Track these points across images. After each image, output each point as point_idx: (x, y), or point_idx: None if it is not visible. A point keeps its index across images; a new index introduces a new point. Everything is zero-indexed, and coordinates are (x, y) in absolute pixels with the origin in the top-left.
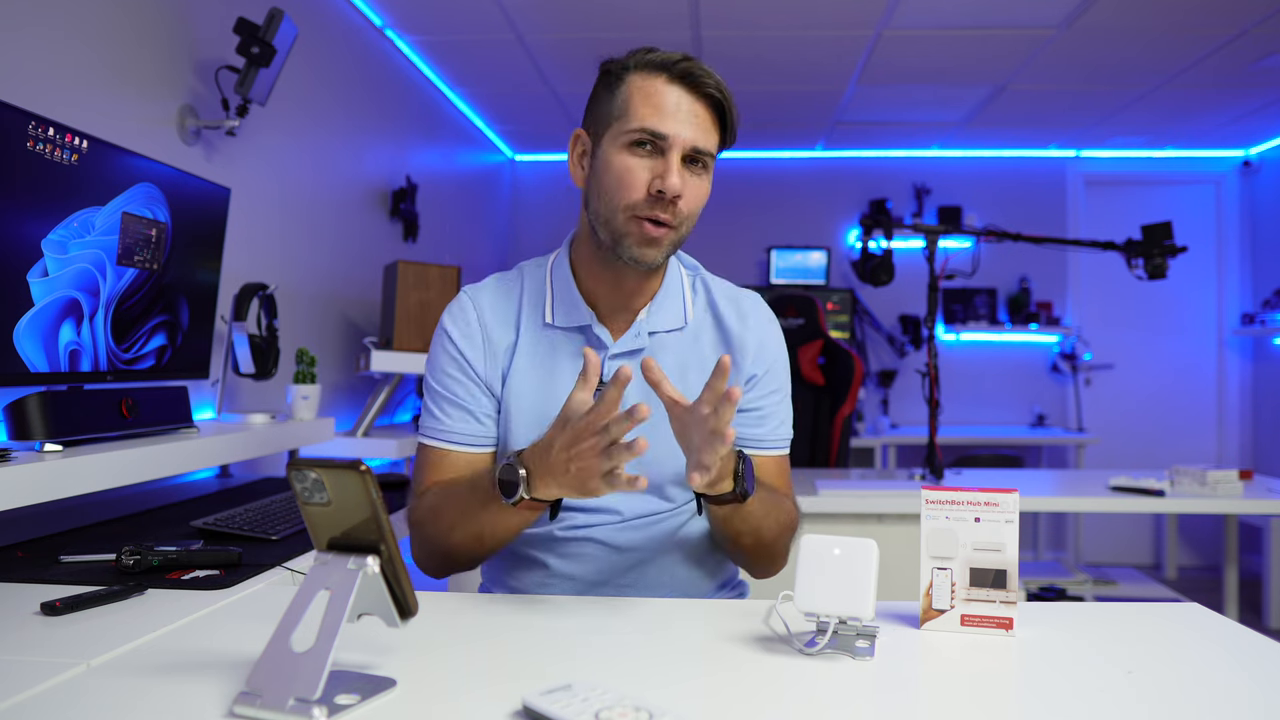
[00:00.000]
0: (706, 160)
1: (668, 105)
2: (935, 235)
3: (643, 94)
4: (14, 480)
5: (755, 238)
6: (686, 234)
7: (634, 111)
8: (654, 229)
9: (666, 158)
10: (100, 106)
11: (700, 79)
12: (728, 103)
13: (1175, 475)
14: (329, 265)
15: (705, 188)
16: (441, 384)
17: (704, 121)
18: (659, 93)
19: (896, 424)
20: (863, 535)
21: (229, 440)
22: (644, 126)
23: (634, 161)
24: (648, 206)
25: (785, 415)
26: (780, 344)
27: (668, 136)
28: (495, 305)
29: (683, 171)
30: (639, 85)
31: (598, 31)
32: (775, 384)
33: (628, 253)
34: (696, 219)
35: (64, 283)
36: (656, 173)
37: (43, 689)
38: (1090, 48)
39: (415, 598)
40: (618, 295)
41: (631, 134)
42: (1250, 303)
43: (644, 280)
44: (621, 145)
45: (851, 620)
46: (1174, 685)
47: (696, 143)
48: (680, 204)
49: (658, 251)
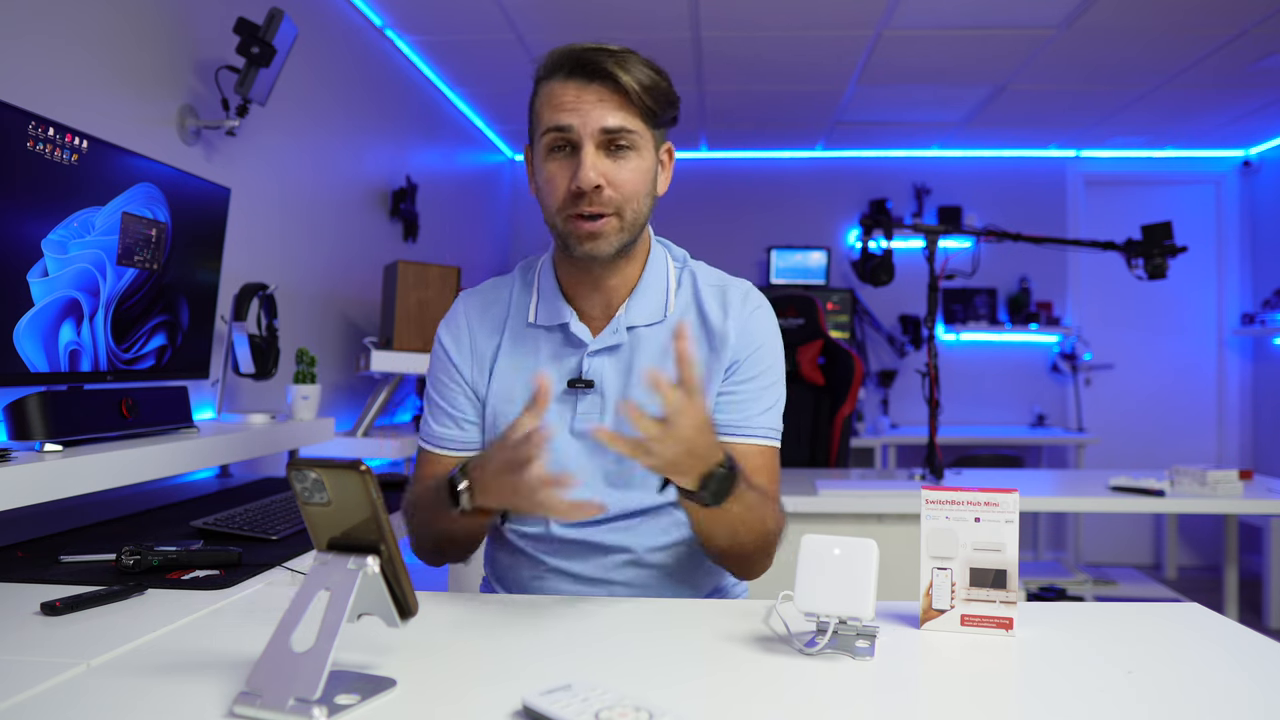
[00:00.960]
0: (629, 139)
1: (566, 100)
2: (935, 235)
3: (546, 96)
4: (14, 480)
5: (755, 238)
6: (637, 217)
7: (542, 116)
8: (587, 223)
9: (580, 152)
10: (100, 106)
11: (592, 64)
12: (628, 76)
13: (1175, 475)
14: (329, 265)
15: (639, 165)
16: (434, 388)
17: (611, 103)
18: (558, 90)
19: (896, 424)
20: (863, 535)
21: (229, 440)
22: (549, 126)
23: (553, 166)
24: (573, 203)
25: (769, 403)
26: (766, 330)
27: (571, 127)
28: (484, 310)
29: (601, 160)
30: (544, 90)
31: (598, 31)
32: (755, 370)
33: (578, 250)
34: (645, 198)
35: (64, 283)
36: (573, 170)
37: (43, 689)
38: (1090, 48)
39: (415, 598)
40: (595, 292)
41: (545, 138)
42: (1250, 303)
43: (619, 272)
44: (542, 153)
45: (851, 620)
46: (1174, 685)
47: (604, 123)
48: (606, 191)
49: (604, 242)
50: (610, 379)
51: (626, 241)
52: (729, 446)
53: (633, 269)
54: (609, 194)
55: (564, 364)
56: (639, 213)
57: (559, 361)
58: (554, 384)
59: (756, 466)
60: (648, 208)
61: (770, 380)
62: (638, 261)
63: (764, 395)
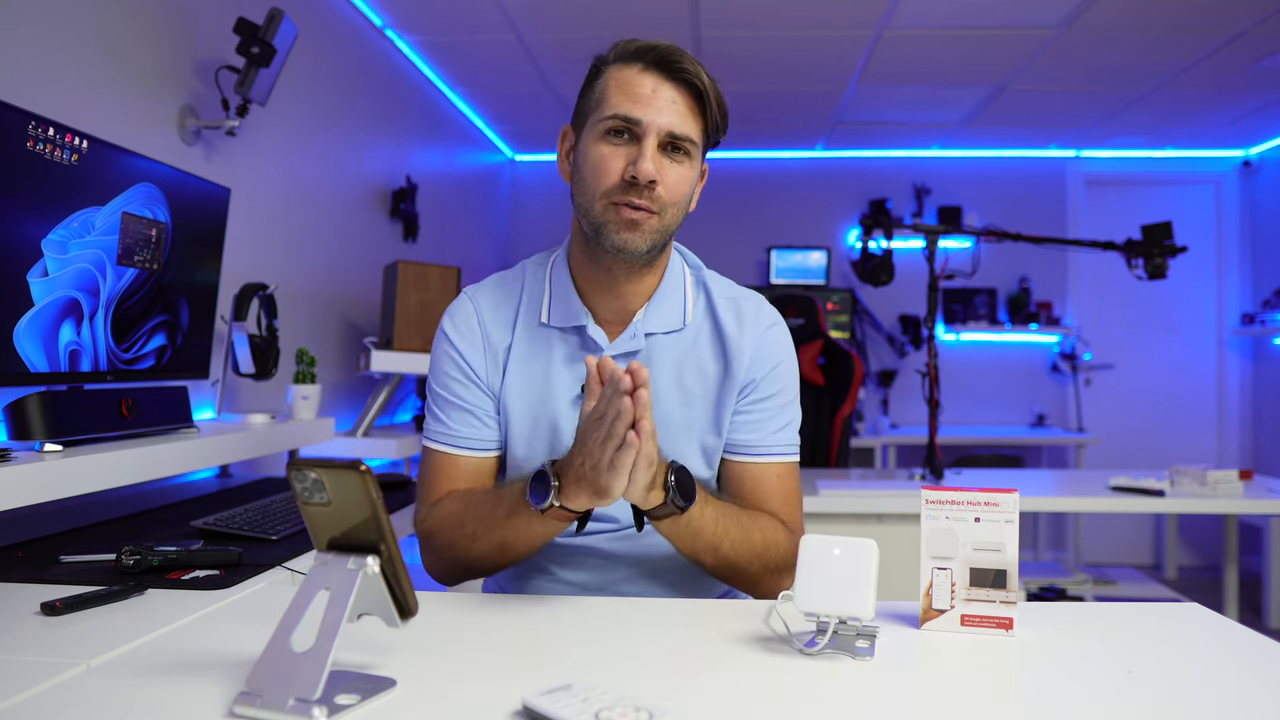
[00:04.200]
0: (687, 147)
1: (642, 92)
2: (935, 235)
3: (617, 83)
4: (14, 480)
5: (755, 238)
6: (672, 223)
7: (609, 101)
8: (631, 212)
9: (642, 144)
10: (100, 106)
11: (675, 64)
12: (705, 88)
13: (1175, 475)
14: (329, 265)
15: (687, 175)
16: (444, 387)
17: (681, 108)
18: (633, 81)
19: (896, 424)
20: (863, 535)
21: (229, 440)
22: (617, 113)
23: (608, 149)
24: (622, 192)
25: (786, 420)
26: (782, 347)
27: (641, 121)
28: (495, 306)
29: (659, 158)
30: (615, 75)
31: (598, 31)
32: (772, 389)
33: (609, 240)
34: (683, 208)
35: (64, 283)
36: (631, 159)
37: (43, 689)
38: (1090, 48)
39: (415, 598)
40: (613, 296)
41: (606, 122)
42: (1250, 303)
43: (639, 279)
44: (598, 135)
45: (851, 620)
46: (1174, 685)
47: (673, 128)
48: (658, 190)
49: (640, 237)
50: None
51: (657, 245)
52: (749, 466)
53: (652, 277)
54: (660, 191)
55: (578, 368)
56: (675, 220)
57: (573, 365)
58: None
59: (769, 483)
60: (682, 218)
61: (787, 399)
62: (658, 270)
63: (781, 414)
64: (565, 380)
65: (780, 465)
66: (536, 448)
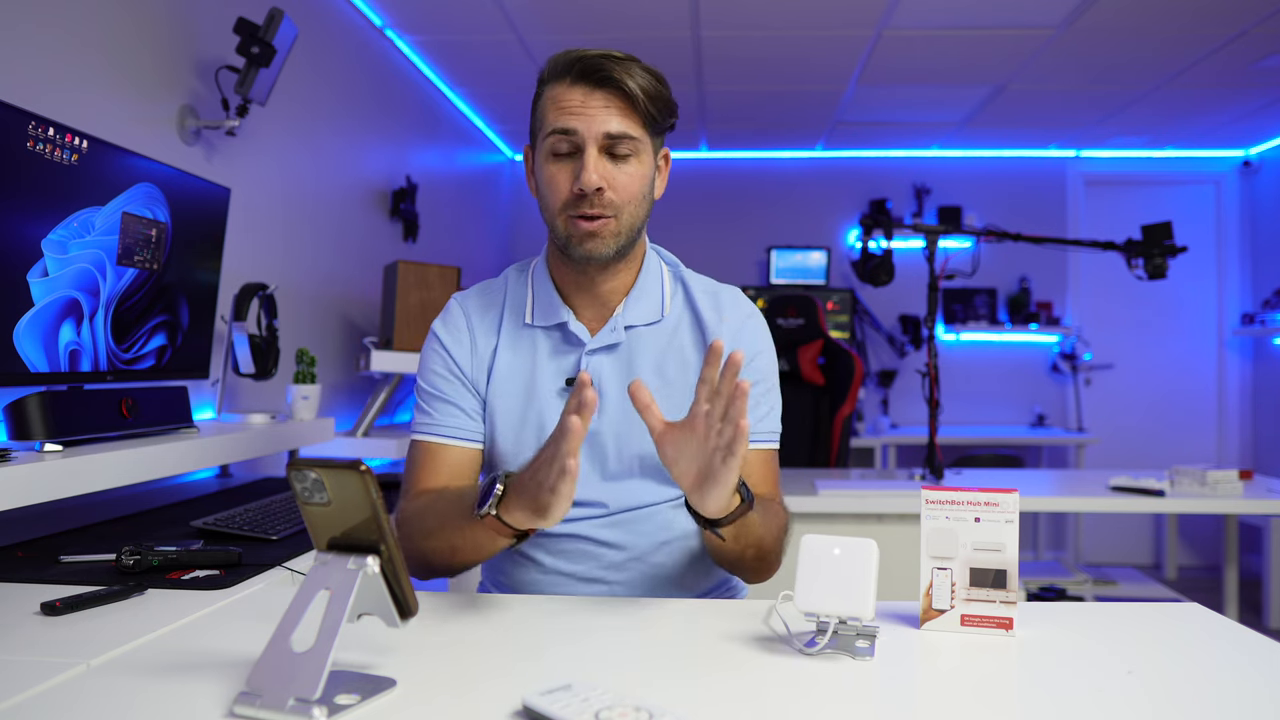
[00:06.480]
0: (629, 145)
1: (573, 104)
2: (935, 235)
3: (552, 99)
4: (14, 480)
5: (755, 238)
6: (633, 220)
7: (547, 118)
8: (587, 223)
9: (583, 155)
10: (100, 106)
11: (599, 72)
12: (631, 90)
13: (1175, 475)
14: (329, 265)
15: (637, 171)
16: (430, 383)
17: (614, 110)
18: (565, 95)
19: (896, 424)
20: (863, 535)
21: (229, 440)
22: (554, 128)
23: (555, 167)
24: (574, 205)
25: (768, 408)
26: (759, 334)
27: (577, 131)
28: (482, 311)
29: (604, 163)
30: (549, 93)
31: (598, 32)
32: (753, 378)
33: (575, 252)
34: (642, 203)
35: (64, 283)
36: (577, 172)
37: (43, 689)
38: (1090, 48)
39: (415, 598)
40: (592, 294)
41: (549, 140)
42: (1250, 303)
43: (615, 276)
44: (545, 154)
45: (851, 620)
46: (1174, 685)
47: (608, 129)
48: (608, 195)
49: (601, 244)
50: (609, 377)
51: (624, 244)
52: None
53: (629, 273)
54: (609, 196)
55: (562, 362)
56: (636, 216)
57: (557, 360)
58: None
59: (759, 471)
60: (645, 212)
61: (768, 385)
62: (634, 266)
63: (763, 401)
64: (549, 373)
65: (765, 451)
66: (525, 442)
